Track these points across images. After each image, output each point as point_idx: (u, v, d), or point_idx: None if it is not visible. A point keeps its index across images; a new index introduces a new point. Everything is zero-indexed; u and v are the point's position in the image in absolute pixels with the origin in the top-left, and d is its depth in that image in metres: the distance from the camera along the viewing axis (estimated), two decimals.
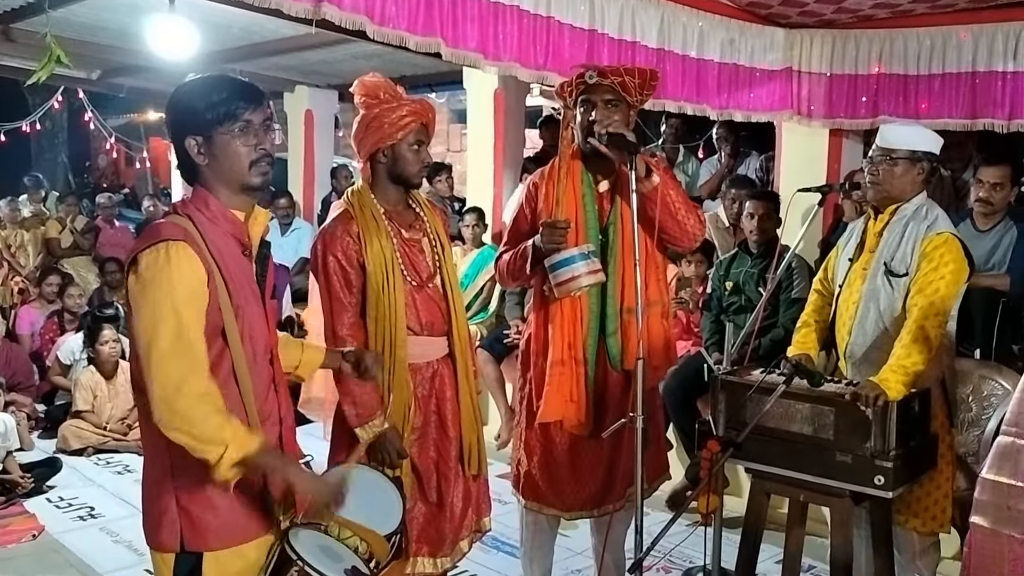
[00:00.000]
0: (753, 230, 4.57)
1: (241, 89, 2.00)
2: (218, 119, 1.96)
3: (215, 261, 1.96)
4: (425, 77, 7.76)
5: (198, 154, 1.99)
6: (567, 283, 2.87)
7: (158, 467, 2.01)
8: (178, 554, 1.99)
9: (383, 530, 2.27)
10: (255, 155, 1.99)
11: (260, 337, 2.07)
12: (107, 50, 7.31)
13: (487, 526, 3.03)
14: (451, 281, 2.86)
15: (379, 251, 2.71)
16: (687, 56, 4.42)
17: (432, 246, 2.84)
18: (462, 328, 2.88)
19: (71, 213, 8.88)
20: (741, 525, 3.15)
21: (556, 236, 2.88)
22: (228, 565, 2.02)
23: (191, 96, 2.00)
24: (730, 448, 2.73)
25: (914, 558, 3.24)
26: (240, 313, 2.00)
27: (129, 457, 5.65)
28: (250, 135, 1.98)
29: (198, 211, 2.00)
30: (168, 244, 1.91)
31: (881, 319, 3.03)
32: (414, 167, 2.76)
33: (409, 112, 2.71)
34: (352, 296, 2.72)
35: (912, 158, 3.01)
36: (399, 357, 2.73)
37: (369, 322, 2.73)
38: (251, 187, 2.03)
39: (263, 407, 2.07)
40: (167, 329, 1.87)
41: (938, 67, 4.58)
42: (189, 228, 1.96)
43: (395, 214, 2.81)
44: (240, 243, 2.05)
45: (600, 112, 2.94)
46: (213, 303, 1.95)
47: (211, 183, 2.02)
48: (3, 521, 4.58)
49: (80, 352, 6.35)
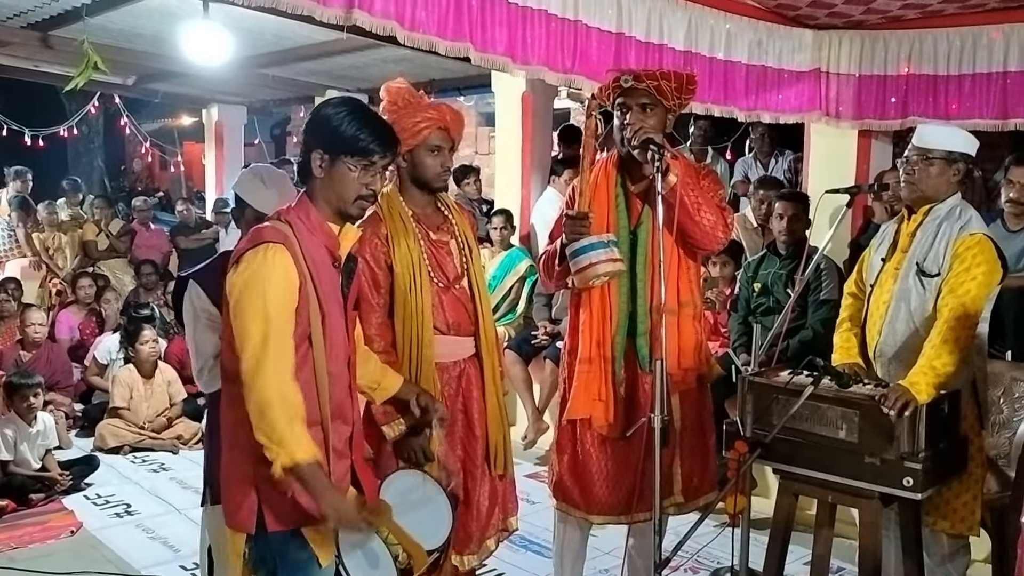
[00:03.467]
0: (782, 231, 4.56)
1: (385, 135, 2.17)
2: (351, 150, 2.12)
3: (308, 268, 2.10)
4: (454, 81, 7.82)
5: (319, 167, 2.15)
6: (585, 270, 2.86)
7: (237, 454, 2.13)
8: (259, 535, 2.13)
9: (428, 545, 2.33)
10: (364, 192, 2.16)
11: (340, 343, 2.21)
12: (142, 56, 7.44)
13: (514, 525, 3.05)
14: (478, 282, 2.90)
15: (406, 252, 2.76)
16: (715, 58, 4.43)
17: (460, 248, 2.88)
18: (489, 329, 2.92)
19: (106, 216, 9.04)
20: (768, 526, 3.15)
21: (577, 226, 2.89)
22: (321, 539, 2.14)
23: (343, 121, 2.13)
24: (758, 449, 2.75)
25: (943, 561, 3.22)
26: (326, 320, 2.14)
27: (165, 456, 5.74)
28: (368, 174, 2.14)
29: (299, 219, 2.15)
30: (268, 246, 2.07)
31: (912, 319, 3.02)
32: (432, 172, 2.79)
33: (424, 118, 2.74)
34: (380, 297, 2.77)
35: (948, 159, 3.00)
36: (426, 356, 2.78)
37: (397, 322, 2.79)
38: (348, 215, 2.20)
39: (338, 408, 2.20)
40: (261, 325, 2.02)
41: (968, 67, 4.55)
42: (288, 234, 2.11)
43: (423, 216, 2.85)
44: (331, 254, 2.19)
45: (634, 116, 2.95)
46: (303, 307, 2.09)
47: (317, 197, 2.18)
48: (42, 517, 4.68)
49: (117, 352, 6.48)
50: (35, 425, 5.12)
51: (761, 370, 3.15)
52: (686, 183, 2.91)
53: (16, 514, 4.70)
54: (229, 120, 10.03)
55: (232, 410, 2.11)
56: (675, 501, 3.09)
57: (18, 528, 4.52)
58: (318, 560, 2.12)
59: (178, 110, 14.33)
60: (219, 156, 10.08)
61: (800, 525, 3.17)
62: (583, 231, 2.88)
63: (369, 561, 2.21)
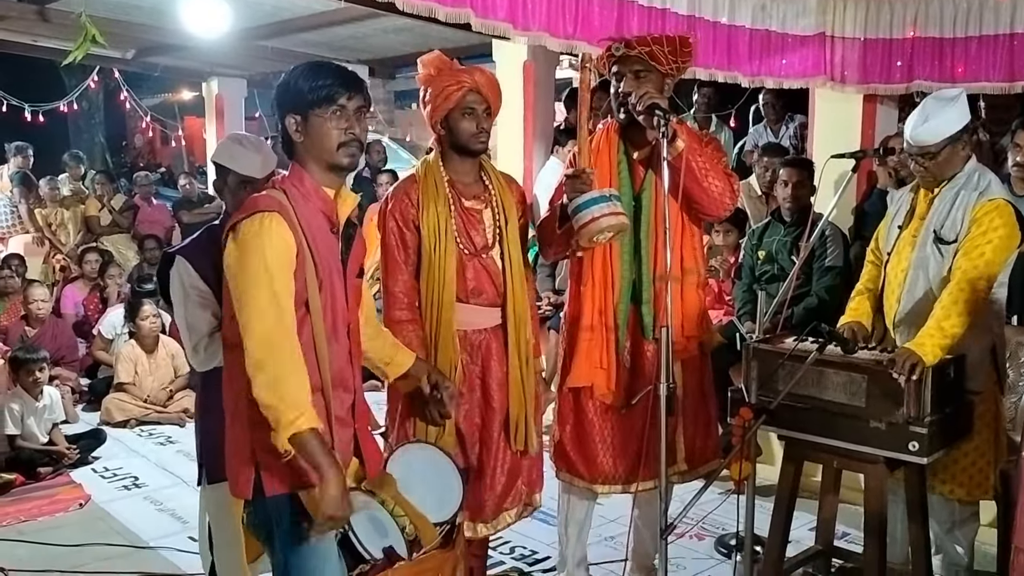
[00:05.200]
0: (787, 198, 4.53)
1: (342, 76, 2.15)
2: (316, 101, 2.11)
3: (304, 234, 2.10)
4: (454, 51, 7.61)
5: (295, 131, 2.15)
6: (588, 225, 2.76)
7: (239, 424, 2.14)
8: (256, 500, 2.14)
9: (434, 517, 2.32)
10: (344, 138, 2.14)
11: (340, 311, 2.20)
12: (141, 29, 7.38)
13: (538, 501, 3.06)
14: (512, 255, 2.88)
15: (434, 216, 2.79)
16: (718, 23, 4.38)
17: (495, 218, 2.87)
18: (519, 302, 2.89)
19: (109, 192, 9.02)
20: (772, 493, 3.16)
21: (578, 184, 2.83)
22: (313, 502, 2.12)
23: (298, 78, 2.15)
24: (763, 415, 2.74)
25: (952, 528, 3.23)
26: (323, 286, 2.14)
27: (171, 429, 5.79)
28: (343, 119, 2.13)
29: (293, 187, 2.15)
30: (264, 215, 2.06)
31: (930, 287, 3.00)
32: (467, 133, 2.80)
33: (455, 81, 2.76)
34: (406, 255, 2.81)
35: (951, 140, 2.96)
36: (445, 320, 2.80)
37: (422, 283, 2.82)
38: (338, 166, 2.17)
39: (339, 375, 2.20)
40: (260, 292, 2.03)
41: (975, 29, 4.49)
42: (283, 201, 2.11)
43: (460, 184, 2.87)
44: (329, 220, 2.19)
45: (628, 83, 2.92)
46: (300, 274, 2.09)
47: (305, 160, 2.17)
48: (51, 491, 4.72)
49: (121, 327, 6.49)
50: (42, 399, 5.14)
51: (766, 337, 3.14)
52: (693, 149, 2.87)
53: (25, 487, 4.74)
54: (229, 93, 9.96)
55: (234, 382, 2.11)
56: (679, 469, 3.09)
57: (27, 501, 4.56)
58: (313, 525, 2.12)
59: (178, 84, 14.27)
60: (220, 130, 10.00)
61: (804, 491, 3.18)
62: (584, 188, 2.83)
63: (377, 530, 2.22)
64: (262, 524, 2.19)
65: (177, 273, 2.72)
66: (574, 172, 2.88)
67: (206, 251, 2.62)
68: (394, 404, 2.88)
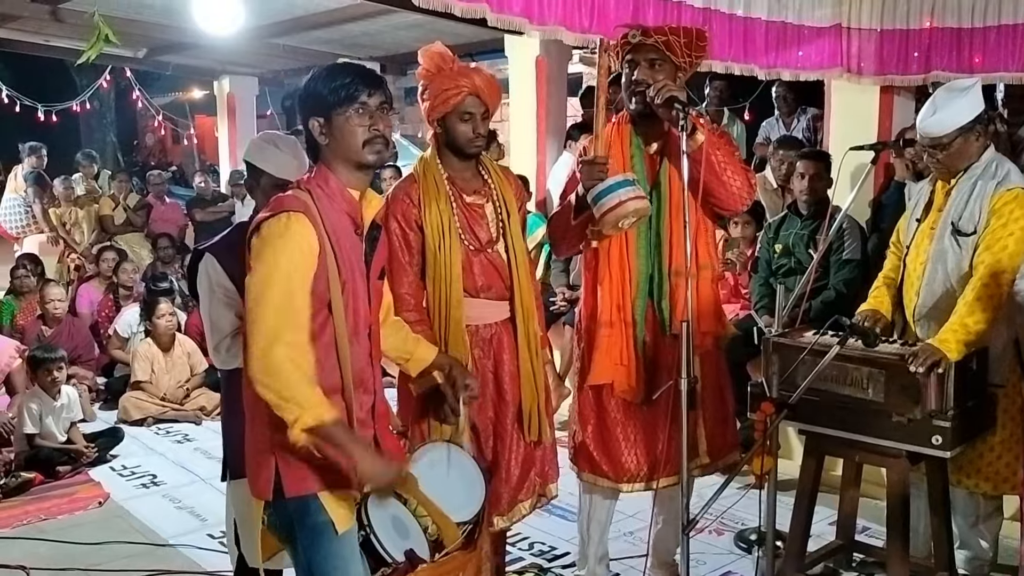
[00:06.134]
0: (804, 190, 4.50)
1: (361, 74, 2.15)
2: (338, 101, 2.11)
3: (328, 235, 2.10)
4: (466, 46, 7.73)
5: (320, 134, 2.15)
6: (614, 210, 2.73)
7: (259, 423, 2.13)
8: (276, 502, 2.13)
9: (457, 517, 2.31)
10: (368, 135, 2.13)
11: (362, 312, 2.20)
12: (153, 28, 7.40)
13: (552, 492, 3.04)
14: (516, 247, 2.87)
15: (436, 214, 2.76)
16: (734, 15, 4.35)
17: (497, 212, 2.86)
18: (526, 294, 2.89)
19: (123, 190, 9.05)
20: (792, 488, 3.14)
21: (595, 171, 2.81)
22: (337, 505, 2.14)
23: (317, 81, 2.15)
24: (784, 410, 2.73)
25: (977, 522, 3.21)
26: (346, 288, 2.13)
27: (188, 427, 5.80)
28: (365, 116, 2.13)
29: (318, 187, 2.15)
30: (288, 215, 2.07)
31: (949, 280, 2.98)
32: (464, 137, 2.77)
33: (454, 85, 2.72)
34: (411, 256, 2.79)
35: (963, 131, 2.93)
36: (455, 317, 2.79)
37: (428, 283, 2.80)
38: (365, 164, 2.17)
39: (359, 377, 2.19)
40: (275, 290, 2.03)
41: (993, 19, 4.44)
42: (308, 202, 2.11)
43: (459, 180, 2.84)
44: (353, 221, 2.19)
45: (643, 72, 2.90)
46: (322, 275, 2.09)
47: (331, 161, 2.17)
48: (70, 489, 4.74)
49: (137, 325, 6.52)
50: (59, 399, 5.16)
51: (785, 331, 3.13)
52: (712, 142, 2.85)
53: (44, 486, 4.75)
54: (241, 92, 9.98)
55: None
56: (700, 463, 3.08)
57: (46, 500, 4.57)
58: (334, 526, 2.12)
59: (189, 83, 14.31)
60: (231, 128, 10.04)
61: (824, 486, 3.17)
62: (603, 175, 2.80)
63: (399, 531, 2.22)
64: (283, 525, 2.19)
65: (205, 270, 2.72)
66: (591, 159, 2.84)
67: (234, 249, 2.60)
68: (405, 404, 2.88)
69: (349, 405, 2.16)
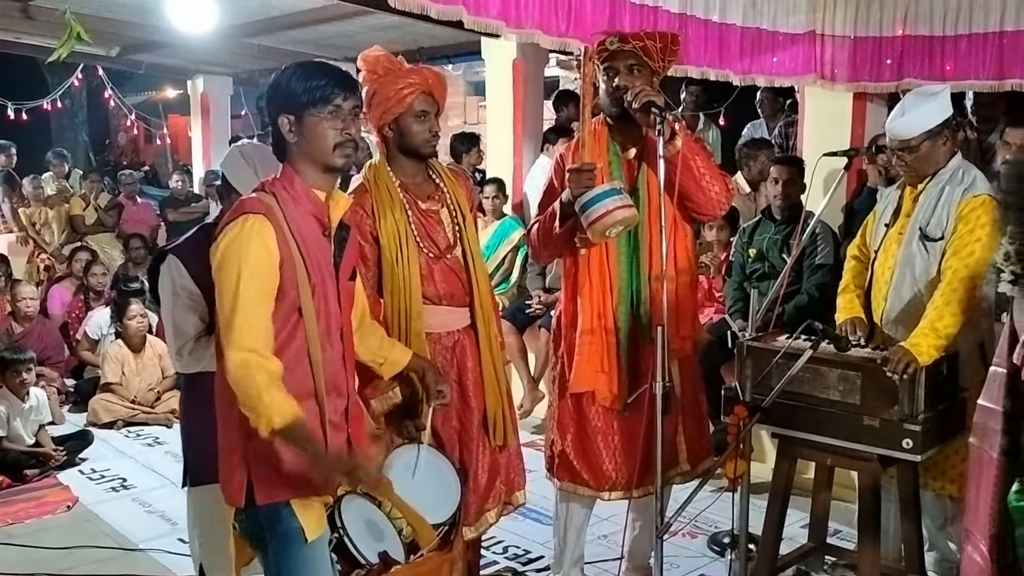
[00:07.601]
0: (777, 195, 4.54)
1: (338, 76, 2.12)
2: (312, 101, 2.09)
3: (295, 238, 2.07)
4: (443, 48, 7.71)
5: (289, 131, 2.11)
6: (601, 219, 2.75)
7: (229, 428, 2.11)
8: (248, 509, 2.12)
9: (433, 519, 2.31)
10: (340, 138, 2.10)
11: (333, 315, 2.18)
12: (125, 26, 7.31)
13: (520, 499, 3.02)
14: (472, 251, 2.84)
15: (392, 224, 2.71)
16: (709, 20, 4.37)
17: (452, 216, 2.82)
18: (485, 298, 2.87)
19: (95, 190, 8.94)
20: (765, 491, 3.16)
21: (583, 179, 2.81)
22: (308, 512, 2.12)
23: (291, 78, 2.11)
24: (757, 413, 2.75)
25: (945, 524, 3.24)
26: (316, 291, 2.11)
27: (159, 430, 5.74)
28: (338, 119, 2.10)
29: (283, 189, 2.12)
30: (248, 217, 2.04)
31: (916, 284, 3.01)
32: (420, 138, 2.73)
33: (407, 83, 2.68)
34: (368, 269, 2.72)
35: (931, 134, 2.97)
36: (415, 329, 2.74)
37: (385, 295, 2.74)
38: (333, 168, 2.14)
39: (332, 380, 2.17)
40: (234, 294, 2.01)
41: (964, 27, 4.50)
42: (272, 204, 2.08)
43: (412, 186, 2.79)
44: (320, 223, 2.15)
45: (623, 78, 2.91)
46: (290, 279, 2.06)
47: (298, 162, 2.14)
48: (38, 493, 4.67)
49: (108, 327, 6.44)
50: (28, 401, 5.09)
51: (759, 335, 3.15)
52: (691, 148, 2.87)
53: (11, 490, 4.69)
54: (215, 91, 9.89)
55: (227, 389, 2.07)
56: (681, 470, 3.09)
57: (13, 504, 4.51)
58: (305, 533, 2.10)
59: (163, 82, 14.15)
60: (205, 128, 9.94)
61: (796, 489, 3.19)
62: (591, 183, 2.81)
63: (373, 534, 2.21)
64: (255, 532, 2.17)
65: (168, 271, 2.66)
66: (579, 166, 2.84)
67: (199, 251, 2.55)
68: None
69: (322, 408, 2.13)
